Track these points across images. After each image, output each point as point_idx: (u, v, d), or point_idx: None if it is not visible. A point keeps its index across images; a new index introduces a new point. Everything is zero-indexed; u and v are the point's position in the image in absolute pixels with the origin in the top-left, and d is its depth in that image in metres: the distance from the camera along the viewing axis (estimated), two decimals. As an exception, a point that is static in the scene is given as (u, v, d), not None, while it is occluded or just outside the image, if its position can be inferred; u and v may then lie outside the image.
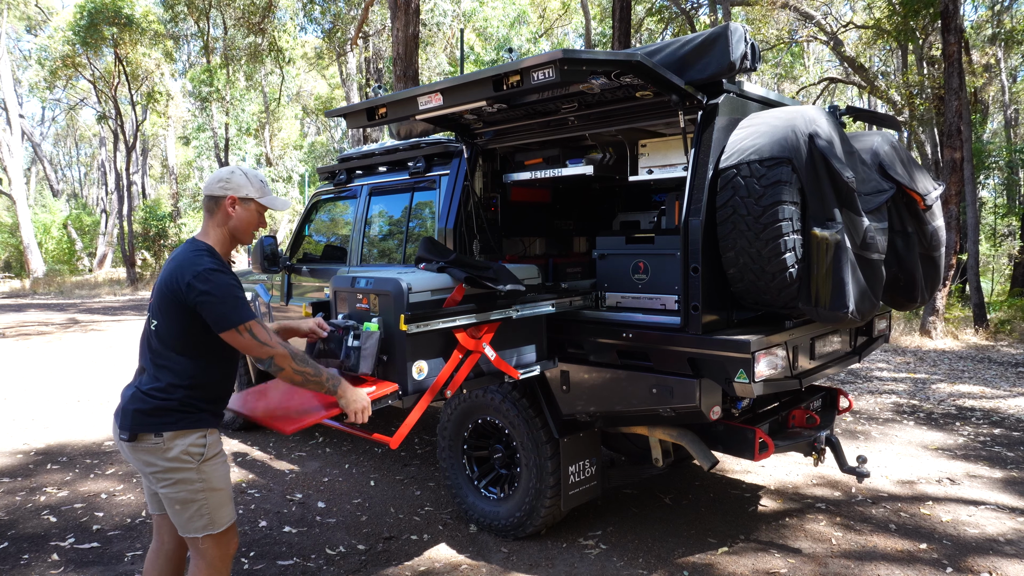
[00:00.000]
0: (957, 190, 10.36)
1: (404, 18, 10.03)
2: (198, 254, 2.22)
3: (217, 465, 2.26)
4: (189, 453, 2.19)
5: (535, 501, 3.48)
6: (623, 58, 2.71)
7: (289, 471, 4.82)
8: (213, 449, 2.25)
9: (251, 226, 2.33)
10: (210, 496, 2.23)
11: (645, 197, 4.70)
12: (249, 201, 2.31)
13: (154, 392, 2.19)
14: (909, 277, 3.33)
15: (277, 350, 2.17)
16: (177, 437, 2.18)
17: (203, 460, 2.22)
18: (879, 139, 3.29)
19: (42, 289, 22.67)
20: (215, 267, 2.17)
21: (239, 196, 2.29)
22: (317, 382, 2.25)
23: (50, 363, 9.12)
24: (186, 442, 2.19)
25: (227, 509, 2.29)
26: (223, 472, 2.29)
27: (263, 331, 2.18)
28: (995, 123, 25.72)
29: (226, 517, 2.28)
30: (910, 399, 6.78)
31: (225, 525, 2.27)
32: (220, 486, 2.26)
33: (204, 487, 2.22)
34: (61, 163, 48.22)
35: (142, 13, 22.31)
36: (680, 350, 2.91)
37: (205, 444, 2.22)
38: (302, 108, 34.11)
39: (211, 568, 2.28)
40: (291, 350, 2.20)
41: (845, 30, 17.86)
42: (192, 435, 2.20)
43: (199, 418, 2.22)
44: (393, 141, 4.69)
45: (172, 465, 2.19)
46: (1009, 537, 3.65)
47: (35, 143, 35.32)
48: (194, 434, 2.21)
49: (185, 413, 2.20)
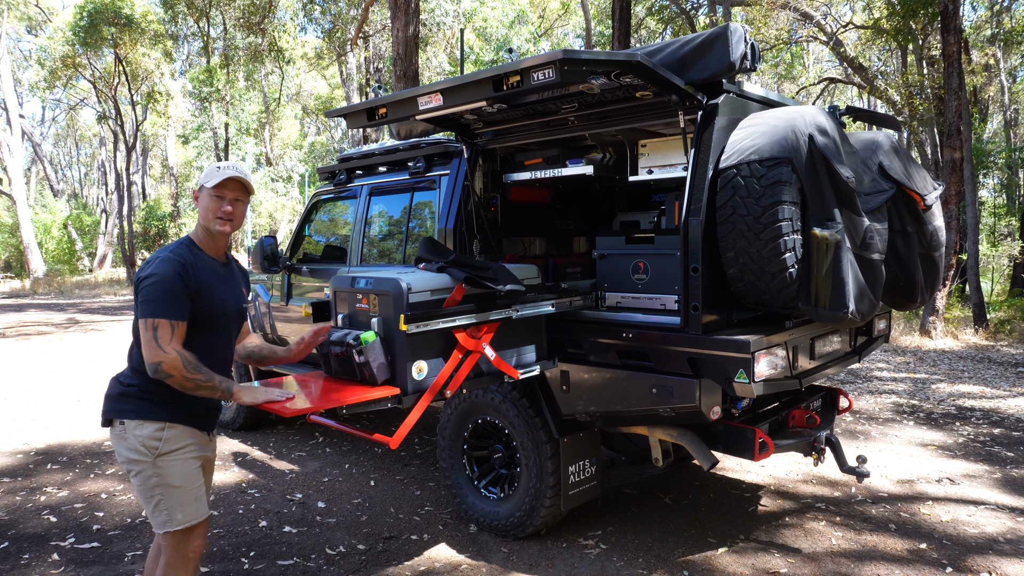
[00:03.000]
0: (957, 190, 10.36)
1: (404, 18, 10.03)
2: (173, 244, 2.29)
3: (175, 462, 2.20)
4: (145, 445, 2.16)
5: (535, 501, 3.48)
6: (623, 58, 2.71)
7: (289, 471, 4.82)
8: (171, 444, 2.19)
9: (208, 211, 2.29)
10: (167, 492, 2.18)
11: (645, 197, 4.70)
12: (202, 189, 2.33)
13: (121, 379, 2.25)
14: (909, 277, 3.33)
15: (168, 356, 2.08)
16: (136, 427, 2.17)
17: (159, 454, 2.17)
18: (879, 139, 3.30)
19: (42, 289, 22.67)
20: (168, 256, 2.18)
21: (197, 187, 2.36)
22: (210, 387, 2.13)
23: (50, 363, 9.12)
24: (143, 433, 2.17)
25: (188, 509, 2.21)
26: (183, 470, 2.21)
27: (167, 335, 2.10)
28: (995, 123, 25.72)
29: (186, 517, 2.21)
30: (910, 399, 6.78)
31: (183, 524, 2.21)
32: (178, 483, 2.19)
33: (159, 482, 2.18)
34: (61, 163, 48.23)
35: (141, 13, 22.32)
36: (680, 350, 2.91)
37: (162, 438, 2.18)
38: (302, 108, 34.13)
39: (169, 567, 2.25)
40: (184, 358, 2.10)
41: (845, 30, 17.85)
42: (149, 426, 2.17)
43: (159, 410, 2.19)
44: (393, 141, 4.69)
45: (131, 456, 2.18)
46: (1008, 537, 3.65)
47: (35, 143, 35.33)
48: (151, 426, 2.18)
49: (144, 402, 2.19)
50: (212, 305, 2.26)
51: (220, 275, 2.35)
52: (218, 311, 2.30)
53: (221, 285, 2.33)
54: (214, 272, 2.32)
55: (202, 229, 2.32)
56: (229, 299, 2.36)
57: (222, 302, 2.32)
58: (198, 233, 2.34)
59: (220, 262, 2.38)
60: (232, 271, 2.46)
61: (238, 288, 2.45)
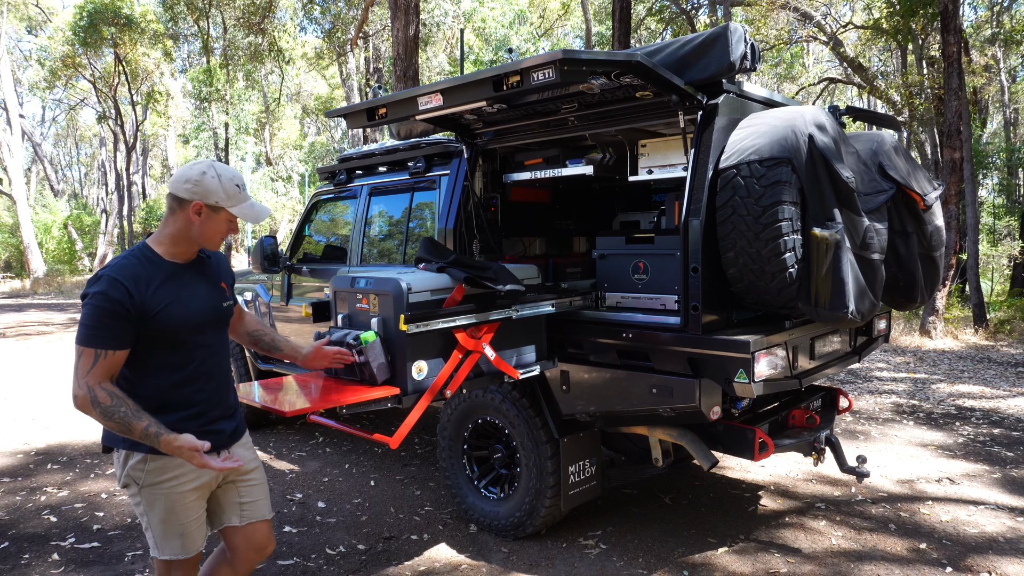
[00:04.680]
0: (957, 190, 10.36)
1: (404, 18, 10.03)
2: (125, 254, 2.03)
3: (159, 495, 2.04)
4: (131, 476, 2.06)
5: (535, 501, 3.48)
6: (623, 58, 2.71)
7: (289, 471, 4.82)
8: (154, 477, 2.04)
9: (218, 235, 2.05)
10: (151, 523, 2.08)
11: (645, 197, 4.70)
12: (219, 210, 2.01)
13: None
14: (909, 277, 3.33)
15: (79, 393, 1.89)
16: (124, 456, 2.06)
17: (142, 486, 2.05)
18: (879, 139, 3.30)
19: (42, 289, 22.68)
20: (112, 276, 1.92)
21: (207, 203, 1.99)
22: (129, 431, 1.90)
23: (50, 363, 9.12)
24: (129, 463, 2.05)
25: (170, 544, 2.08)
26: (168, 504, 2.05)
27: (87, 366, 1.89)
28: (995, 123, 25.71)
29: (167, 551, 2.08)
30: (910, 399, 6.78)
31: (167, 557, 2.09)
32: (160, 518, 2.06)
33: (145, 511, 2.08)
34: (61, 163, 48.24)
35: (141, 13, 22.33)
36: (680, 350, 2.91)
37: (144, 470, 2.03)
38: (302, 108, 34.13)
39: None
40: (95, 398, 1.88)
41: (845, 30, 17.86)
42: (134, 457, 2.04)
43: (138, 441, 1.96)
44: (393, 141, 4.69)
45: (124, 481, 2.09)
46: (1008, 537, 3.65)
47: (35, 143, 35.34)
48: (135, 457, 2.04)
49: None
50: (173, 318, 1.99)
51: (184, 280, 2.06)
52: (180, 323, 2.01)
53: (185, 291, 2.05)
54: (176, 279, 2.04)
55: (181, 238, 2.04)
56: (196, 302, 2.07)
57: (185, 315, 2.02)
58: (164, 240, 2.04)
59: (186, 263, 2.10)
60: (203, 267, 2.16)
61: (214, 286, 2.16)
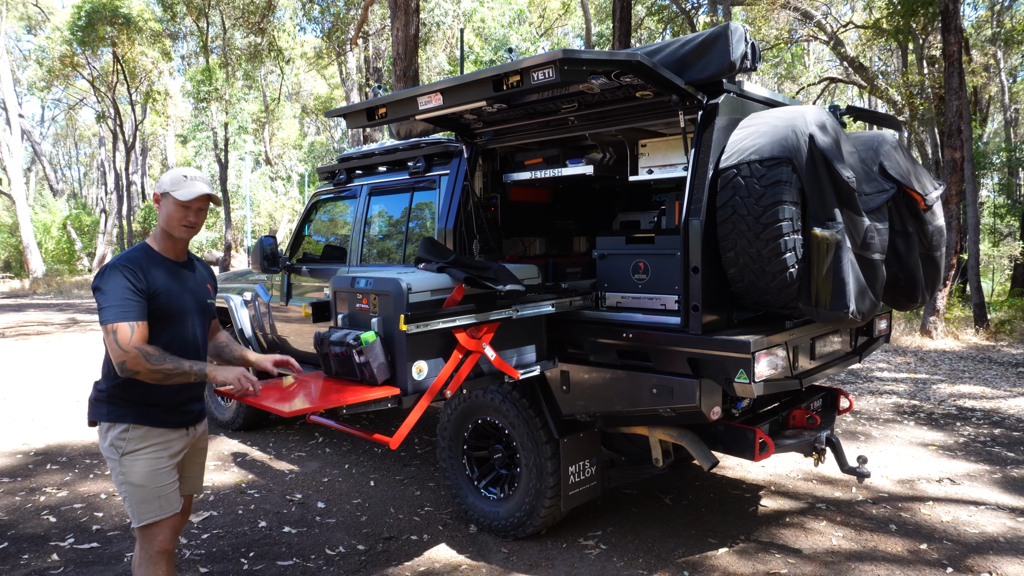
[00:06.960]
0: (957, 190, 10.35)
1: (404, 18, 10.02)
2: (127, 251, 2.39)
3: (138, 461, 2.33)
4: (114, 445, 2.33)
5: (535, 501, 3.48)
6: (623, 58, 2.71)
7: (289, 471, 4.81)
8: (134, 444, 2.33)
9: (173, 219, 2.36)
10: (130, 490, 2.33)
11: (645, 197, 4.70)
12: (167, 196, 2.37)
13: (97, 384, 2.41)
14: (910, 277, 3.33)
15: (129, 354, 2.17)
16: (108, 428, 2.34)
17: (123, 454, 2.32)
18: (880, 139, 3.29)
19: (42, 289, 22.66)
20: (117, 263, 2.28)
21: (160, 192, 2.40)
22: (180, 373, 2.22)
23: (50, 363, 9.12)
24: (112, 435, 2.33)
25: (149, 506, 2.34)
26: (145, 469, 2.33)
27: (127, 336, 2.18)
28: (995, 123, 25.71)
29: (147, 514, 2.34)
30: (910, 399, 6.77)
31: (144, 521, 2.34)
32: (139, 482, 2.33)
33: (124, 480, 2.33)
34: (61, 163, 48.25)
35: (139, 12, 22.31)
36: (680, 350, 2.91)
37: (126, 439, 2.32)
38: (302, 108, 34.13)
39: (138, 562, 2.41)
40: (146, 352, 2.18)
41: (845, 30, 17.86)
42: (117, 428, 2.33)
43: (124, 413, 2.33)
44: (393, 141, 4.68)
45: (106, 454, 2.37)
46: (1009, 537, 3.65)
47: (35, 143, 35.32)
48: (119, 427, 2.33)
49: (114, 405, 2.34)
50: (170, 303, 2.35)
51: (178, 274, 2.43)
52: (176, 308, 2.38)
53: (178, 283, 2.41)
54: (171, 272, 2.40)
55: (162, 233, 2.41)
56: (188, 295, 2.43)
57: (179, 299, 2.39)
58: (156, 236, 2.43)
59: (179, 262, 2.47)
60: (194, 269, 2.53)
61: (201, 284, 2.53)
